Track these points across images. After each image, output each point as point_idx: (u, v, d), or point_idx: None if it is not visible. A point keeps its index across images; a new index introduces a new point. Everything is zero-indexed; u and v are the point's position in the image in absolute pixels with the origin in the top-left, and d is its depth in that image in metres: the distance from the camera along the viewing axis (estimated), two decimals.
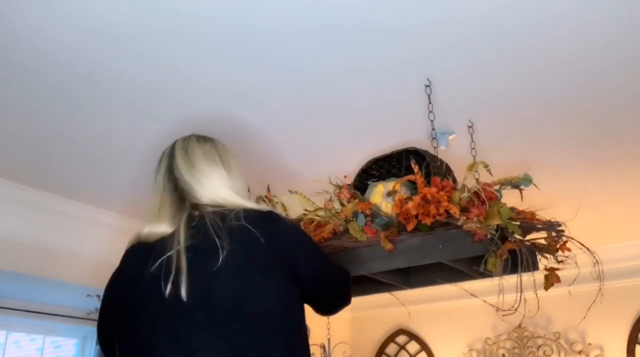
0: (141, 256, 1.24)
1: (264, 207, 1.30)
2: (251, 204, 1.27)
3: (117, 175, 2.47)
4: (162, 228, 1.24)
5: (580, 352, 3.75)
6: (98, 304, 2.73)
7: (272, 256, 1.19)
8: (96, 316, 3.00)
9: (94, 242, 2.85)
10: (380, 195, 1.68)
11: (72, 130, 2.08)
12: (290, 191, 1.77)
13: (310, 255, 1.31)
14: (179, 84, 1.83)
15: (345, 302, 1.47)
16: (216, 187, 1.27)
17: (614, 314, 3.67)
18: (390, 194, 1.63)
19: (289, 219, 1.35)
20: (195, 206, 1.25)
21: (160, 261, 1.17)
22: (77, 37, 1.57)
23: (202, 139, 1.36)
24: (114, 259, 3.09)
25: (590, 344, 3.75)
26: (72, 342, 3.21)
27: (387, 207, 1.62)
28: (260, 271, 1.18)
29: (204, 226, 1.19)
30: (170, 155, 1.33)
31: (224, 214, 1.20)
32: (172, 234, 1.21)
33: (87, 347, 3.21)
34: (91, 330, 3.15)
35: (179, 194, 1.28)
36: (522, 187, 1.58)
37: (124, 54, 1.65)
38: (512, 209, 1.47)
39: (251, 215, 1.21)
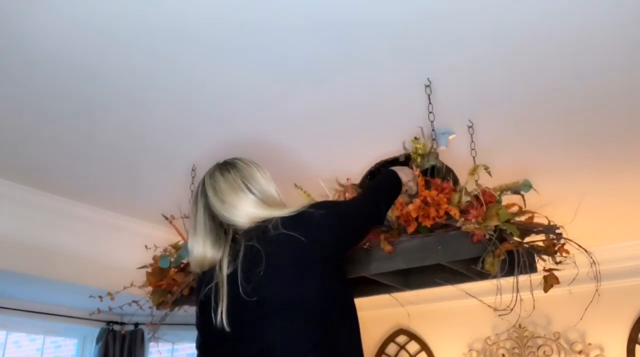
0: (200, 282, 1.39)
1: (296, 208, 1.34)
2: (284, 211, 1.33)
3: (115, 175, 2.48)
4: (210, 255, 1.36)
5: (580, 352, 3.75)
6: (100, 305, 2.75)
7: (315, 252, 1.26)
8: (98, 317, 3.02)
9: (93, 242, 2.85)
10: None
11: (72, 132, 2.09)
12: (295, 185, 1.81)
13: (347, 231, 1.38)
14: (185, 83, 1.83)
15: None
16: (250, 212, 1.36)
17: (614, 314, 3.67)
18: None
19: (319, 205, 1.36)
20: (237, 233, 1.36)
21: (207, 289, 1.30)
22: (83, 39, 1.57)
23: (225, 169, 1.43)
24: (114, 259, 3.09)
25: (590, 344, 3.75)
26: (72, 342, 3.22)
27: None
28: (304, 270, 1.24)
29: (240, 250, 1.28)
30: (203, 195, 1.42)
31: (262, 227, 1.30)
32: (220, 260, 1.32)
33: (87, 347, 3.22)
34: (91, 330, 3.16)
35: (222, 227, 1.39)
36: (522, 192, 1.58)
37: (129, 55, 1.65)
38: (515, 214, 1.47)
39: (286, 221, 1.29)
